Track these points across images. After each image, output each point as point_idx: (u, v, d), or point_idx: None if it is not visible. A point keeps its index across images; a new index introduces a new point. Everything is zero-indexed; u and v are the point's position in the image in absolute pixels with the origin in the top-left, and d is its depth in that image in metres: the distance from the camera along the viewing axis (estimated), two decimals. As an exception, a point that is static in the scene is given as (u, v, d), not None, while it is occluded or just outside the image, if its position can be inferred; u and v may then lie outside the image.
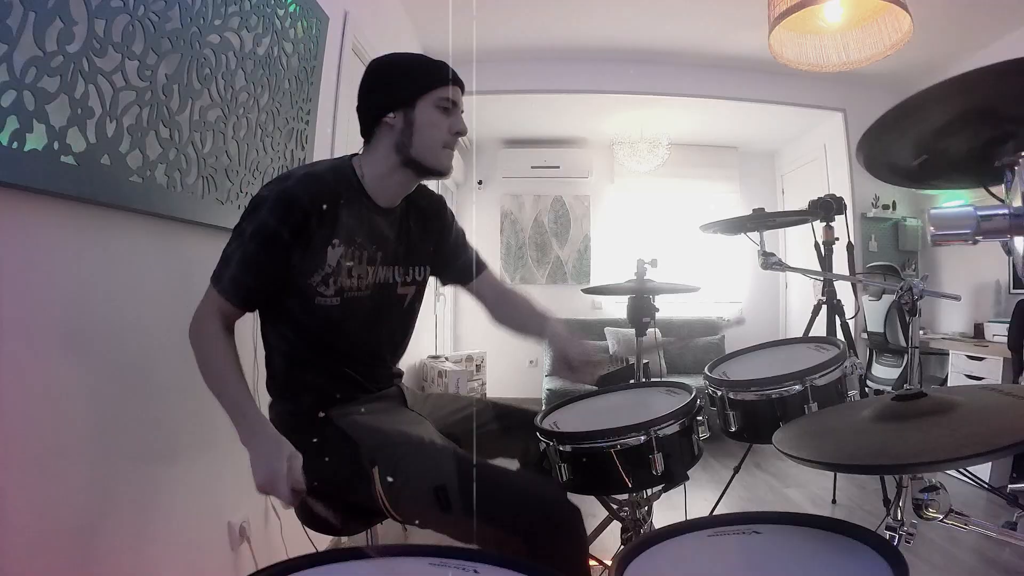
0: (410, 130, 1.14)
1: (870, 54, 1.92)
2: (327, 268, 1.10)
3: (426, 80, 1.15)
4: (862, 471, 1.58)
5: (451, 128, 1.16)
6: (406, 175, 1.18)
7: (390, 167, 1.17)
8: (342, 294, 1.12)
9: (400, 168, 1.17)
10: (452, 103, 1.16)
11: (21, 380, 0.93)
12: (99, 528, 1.10)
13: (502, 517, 0.94)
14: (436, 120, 1.15)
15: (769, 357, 1.44)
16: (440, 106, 1.15)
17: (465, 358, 4.36)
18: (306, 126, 1.94)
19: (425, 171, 1.18)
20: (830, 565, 0.75)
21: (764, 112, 4.46)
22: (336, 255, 1.11)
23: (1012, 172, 0.84)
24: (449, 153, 1.18)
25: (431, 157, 1.16)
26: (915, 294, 1.09)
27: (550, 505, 0.98)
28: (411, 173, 1.18)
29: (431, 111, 1.14)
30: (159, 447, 1.28)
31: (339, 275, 1.11)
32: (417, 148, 1.15)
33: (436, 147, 1.16)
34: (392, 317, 1.25)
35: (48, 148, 0.93)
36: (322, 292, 1.10)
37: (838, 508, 2.74)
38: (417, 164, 1.16)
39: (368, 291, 1.17)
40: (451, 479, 0.98)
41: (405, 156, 1.15)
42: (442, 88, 1.15)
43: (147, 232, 1.24)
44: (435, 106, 1.14)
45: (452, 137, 1.17)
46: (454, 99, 1.16)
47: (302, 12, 1.85)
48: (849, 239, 2.58)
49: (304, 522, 1.17)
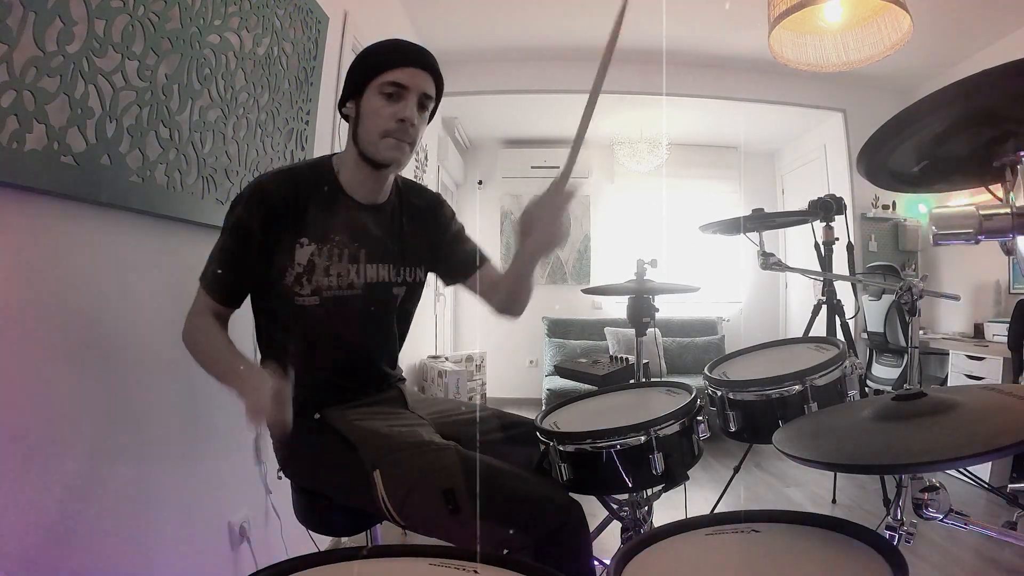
0: (358, 120, 1.11)
1: (870, 54, 1.92)
2: (298, 267, 1.09)
3: (373, 65, 1.09)
4: (862, 471, 1.58)
5: (395, 115, 1.07)
6: (367, 169, 1.13)
7: (353, 161, 1.13)
8: (320, 293, 1.10)
9: (360, 162, 1.12)
10: (398, 86, 1.07)
11: (20, 379, 0.93)
12: (99, 528, 1.10)
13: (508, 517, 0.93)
14: (378, 107, 1.08)
15: (769, 357, 1.43)
16: (383, 92, 1.07)
17: (465, 358, 4.36)
18: (306, 126, 1.94)
19: (370, 163, 1.12)
20: (829, 564, 0.75)
21: (764, 112, 4.47)
22: (306, 253, 1.09)
23: (1012, 171, 0.84)
24: (392, 143, 1.09)
25: (371, 148, 1.10)
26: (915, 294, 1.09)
27: (556, 505, 0.98)
28: (368, 167, 1.12)
29: (375, 98, 1.08)
30: (159, 447, 1.28)
31: (313, 274, 1.10)
32: (362, 139, 1.10)
33: (374, 136, 1.08)
34: (384, 317, 1.21)
35: (48, 148, 0.93)
36: (298, 291, 1.09)
37: (838, 508, 2.75)
38: (365, 157, 1.11)
39: (357, 290, 1.14)
40: (456, 481, 0.97)
41: (358, 149, 1.11)
42: (387, 72, 1.07)
43: (147, 232, 1.24)
44: (379, 92, 1.08)
45: (396, 125, 1.07)
46: (401, 83, 1.07)
47: (302, 12, 1.85)
48: (849, 239, 2.58)
49: (304, 522, 1.17)
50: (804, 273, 1.76)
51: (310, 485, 1.13)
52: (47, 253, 0.99)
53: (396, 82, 1.07)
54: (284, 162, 1.79)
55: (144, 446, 1.23)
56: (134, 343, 1.20)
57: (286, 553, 1.67)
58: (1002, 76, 0.71)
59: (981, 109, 0.80)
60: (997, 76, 0.71)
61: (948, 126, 0.84)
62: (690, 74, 4.10)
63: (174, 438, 1.33)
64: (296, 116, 1.86)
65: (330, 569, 0.73)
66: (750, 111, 4.48)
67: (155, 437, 1.27)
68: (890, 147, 0.88)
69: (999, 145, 0.84)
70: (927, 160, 0.92)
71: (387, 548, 0.78)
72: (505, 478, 1.00)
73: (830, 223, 2.47)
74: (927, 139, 0.87)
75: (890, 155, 0.91)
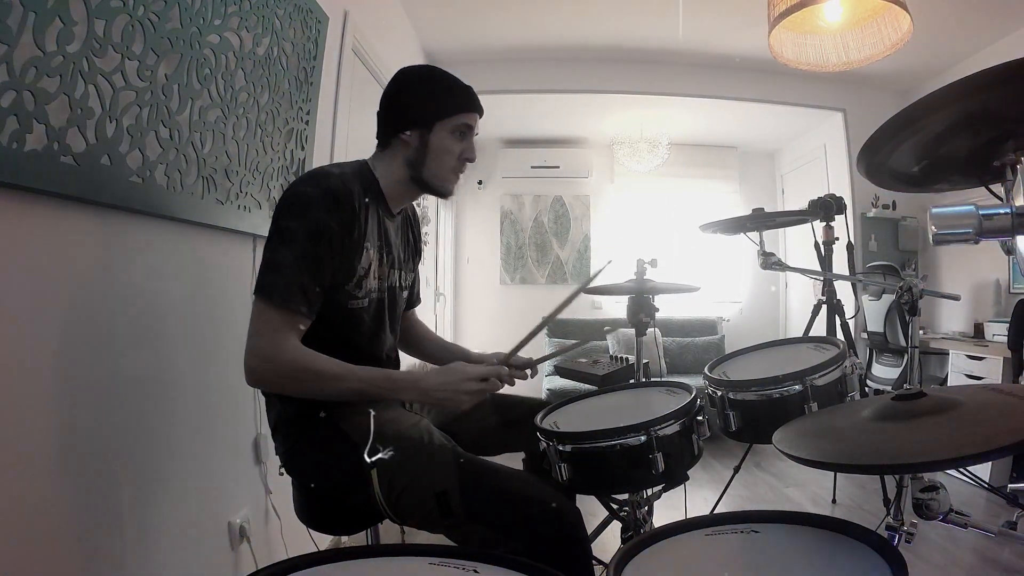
0: (424, 151, 1.18)
1: (870, 54, 1.92)
2: (360, 271, 1.11)
3: (448, 106, 1.18)
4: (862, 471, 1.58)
5: (463, 154, 1.20)
6: (412, 189, 1.23)
7: (400, 179, 1.21)
8: (368, 296, 1.15)
9: (408, 182, 1.21)
10: (469, 128, 1.20)
11: (20, 380, 0.93)
12: (99, 528, 1.10)
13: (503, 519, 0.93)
14: (450, 146, 1.18)
15: (769, 357, 1.44)
16: (457, 132, 1.19)
17: (465, 358, 4.35)
18: (306, 126, 1.94)
19: (430, 191, 1.22)
20: (829, 564, 0.75)
21: (764, 112, 4.46)
22: (369, 258, 1.14)
23: (1012, 171, 0.84)
24: (456, 178, 1.23)
25: (439, 181, 1.20)
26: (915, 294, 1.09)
27: (552, 507, 0.98)
28: (416, 188, 1.23)
29: (447, 136, 1.18)
30: (159, 447, 1.28)
31: (369, 278, 1.14)
32: (429, 169, 1.19)
33: (446, 172, 1.20)
34: (394, 319, 1.27)
35: (48, 148, 0.93)
36: (356, 295, 1.12)
37: (838, 508, 2.75)
38: (424, 183, 1.20)
39: (383, 294, 1.20)
40: (451, 482, 0.98)
41: (415, 173, 1.19)
42: (462, 115, 1.18)
43: (147, 232, 1.24)
44: (451, 131, 1.18)
45: (461, 163, 1.21)
46: (472, 124, 1.21)
47: (302, 12, 1.85)
48: (849, 239, 2.58)
49: (304, 521, 1.17)
50: (804, 273, 1.77)
51: (312, 483, 1.13)
52: (47, 253, 0.99)
53: (469, 124, 1.21)
54: (284, 162, 1.79)
55: (144, 446, 1.23)
56: (134, 343, 1.20)
57: (286, 553, 1.67)
58: (1002, 76, 0.71)
59: (981, 109, 0.80)
60: (997, 76, 0.71)
61: (948, 126, 0.84)
62: (690, 74, 4.10)
63: (174, 438, 1.33)
64: (296, 116, 1.86)
65: (330, 569, 0.73)
66: (750, 111, 4.48)
67: (155, 437, 1.27)
68: (890, 147, 0.89)
69: (999, 145, 0.84)
70: (927, 160, 0.92)
71: (387, 548, 0.78)
72: (500, 481, 1.00)
73: (830, 223, 2.47)
74: (927, 139, 0.87)
75: (890, 155, 0.91)
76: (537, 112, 4.80)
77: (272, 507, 1.74)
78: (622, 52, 3.89)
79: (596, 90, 4.13)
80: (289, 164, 1.82)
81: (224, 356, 1.47)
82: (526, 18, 3.50)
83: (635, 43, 3.78)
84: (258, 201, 1.64)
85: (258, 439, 1.69)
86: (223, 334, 1.48)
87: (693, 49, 3.81)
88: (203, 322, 1.45)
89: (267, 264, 1.00)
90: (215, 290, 1.51)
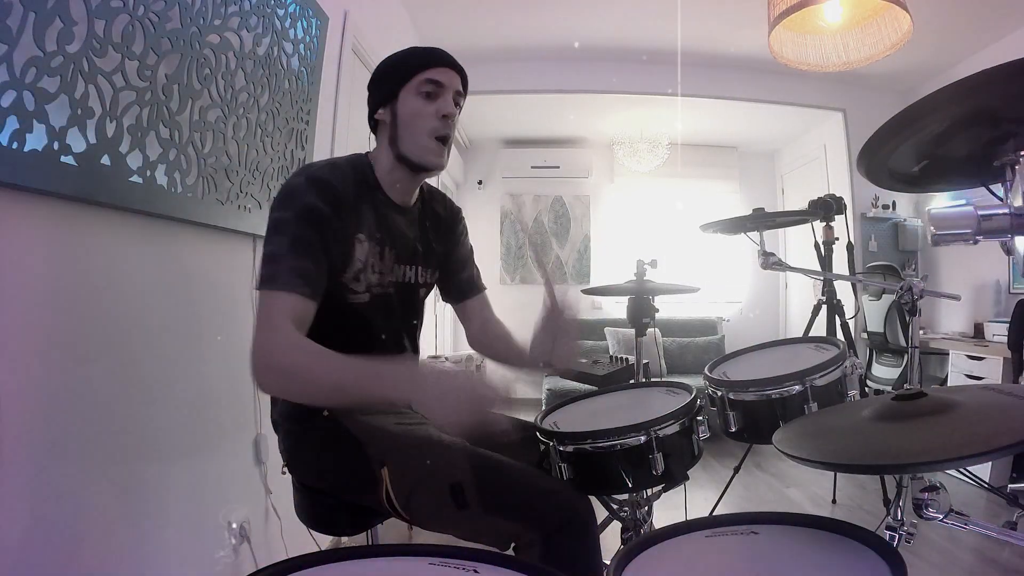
0: (396, 123, 1.12)
1: (870, 54, 1.92)
2: (356, 263, 1.08)
3: (406, 68, 1.11)
4: (862, 471, 1.58)
5: (437, 112, 1.09)
6: (404, 172, 1.15)
7: (390, 164, 1.15)
8: (370, 291, 1.11)
9: (397, 165, 1.14)
10: (436, 84, 1.09)
11: (20, 380, 0.93)
12: (98, 528, 1.10)
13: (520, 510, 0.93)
14: (419, 107, 1.09)
15: (769, 357, 1.43)
16: (422, 91, 1.09)
17: (465, 358, 4.36)
18: (306, 126, 1.94)
19: (413, 166, 1.13)
20: (829, 565, 0.75)
21: (764, 112, 4.47)
22: (364, 250, 1.09)
23: (1012, 171, 0.84)
24: (437, 144, 1.11)
25: (417, 150, 1.11)
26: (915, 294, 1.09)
27: (564, 500, 0.98)
28: (406, 170, 1.14)
29: (412, 99, 1.10)
30: (159, 447, 1.28)
31: (365, 271, 1.10)
32: (403, 141, 1.11)
33: (421, 136, 1.10)
34: (407, 317, 1.23)
35: (48, 148, 0.93)
36: (354, 289, 1.09)
37: (838, 508, 2.75)
38: (406, 159, 1.12)
39: (391, 288, 1.16)
40: (466, 474, 0.97)
41: (396, 152, 1.13)
42: (422, 71, 1.09)
43: (147, 232, 1.24)
44: (417, 93, 1.09)
45: (440, 121, 1.10)
46: (439, 80, 1.10)
47: (302, 12, 1.85)
48: (849, 239, 2.58)
49: (305, 521, 1.17)
50: (804, 273, 1.76)
51: (314, 482, 1.13)
52: (47, 253, 0.99)
53: (434, 79, 1.09)
54: (284, 162, 1.79)
55: (144, 446, 1.23)
56: (134, 343, 1.20)
57: (286, 553, 1.67)
58: (1002, 76, 0.71)
59: (981, 109, 0.80)
60: (997, 76, 0.71)
61: (948, 126, 0.84)
62: (690, 74, 4.10)
63: (174, 438, 1.33)
64: (296, 116, 1.86)
65: (330, 569, 0.73)
66: (750, 111, 4.49)
67: (155, 437, 1.27)
68: (890, 147, 0.88)
69: (999, 145, 0.84)
70: (927, 160, 0.92)
71: (387, 548, 0.78)
72: (513, 473, 1.00)
73: (830, 223, 2.47)
74: (927, 139, 0.87)
75: (890, 155, 0.91)
76: (537, 112, 4.80)
77: (272, 507, 1.74)
78: (622, 52, 3.89)
79: (596, 90, 4.13)
80: (289, 164, 1.82)
81: (224, 356, 1.47)
82: (526, 18, 3.50)
83: (635, 43, 3.78)
84: (258, 201, 1.63)
85: (258, 439, 1.69)
86: (223, 334, 1.48)
87: (693, 49, 3.81)
88: (203, 322, 1.45)
89: (264, 257, 1.00)
90: (215, 290, 1.51)
